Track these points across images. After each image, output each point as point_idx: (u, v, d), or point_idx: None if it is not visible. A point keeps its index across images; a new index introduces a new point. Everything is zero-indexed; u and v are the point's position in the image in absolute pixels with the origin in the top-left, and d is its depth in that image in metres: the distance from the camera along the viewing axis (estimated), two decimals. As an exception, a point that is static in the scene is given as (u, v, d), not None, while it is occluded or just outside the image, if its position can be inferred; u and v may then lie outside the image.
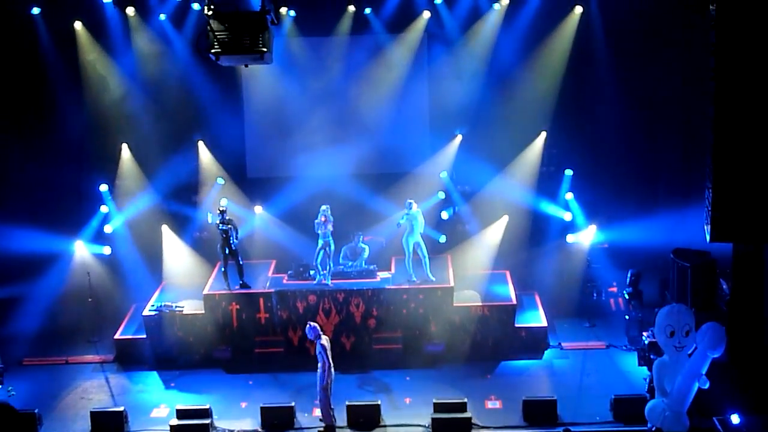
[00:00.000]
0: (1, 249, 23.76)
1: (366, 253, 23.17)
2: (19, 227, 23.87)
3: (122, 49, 24.97)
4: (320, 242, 21.99)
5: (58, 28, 24.64)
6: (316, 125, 25.56)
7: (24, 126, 25.04)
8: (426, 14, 24.84)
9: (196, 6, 24.24)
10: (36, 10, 24.25)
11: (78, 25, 24.71)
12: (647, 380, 19.08)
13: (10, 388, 20.75)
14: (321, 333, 18.58)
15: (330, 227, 21.91)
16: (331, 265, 22.27)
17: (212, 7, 14.30)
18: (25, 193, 25.09)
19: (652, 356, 19.18)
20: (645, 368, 19.99)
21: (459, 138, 25.54)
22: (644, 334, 20.54)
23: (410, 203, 22.14)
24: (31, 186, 25.07)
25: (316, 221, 21.92)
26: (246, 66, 15.74)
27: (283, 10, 23.90)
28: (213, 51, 14.45)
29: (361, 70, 25.39)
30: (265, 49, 14.22)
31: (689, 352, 16.76)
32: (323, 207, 21.99)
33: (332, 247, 22.06)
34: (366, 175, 25.48)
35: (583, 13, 24.51)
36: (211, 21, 14.26)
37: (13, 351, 22.32)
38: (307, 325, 18.75)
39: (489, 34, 24.94)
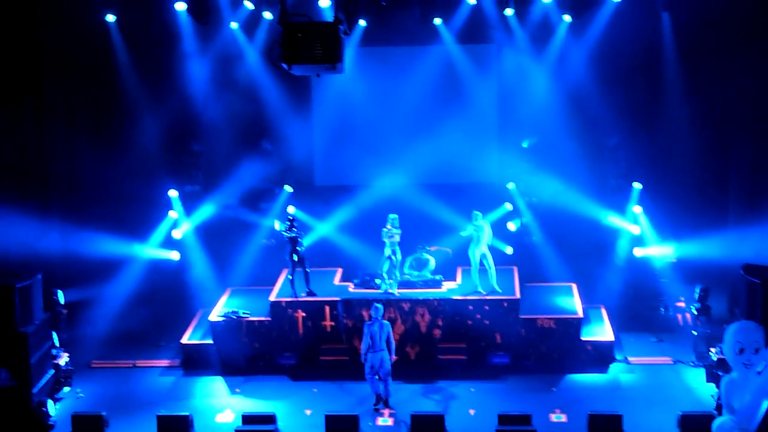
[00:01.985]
0: (74, 252, 24.09)
1: (431, 264, 23.18)
2: (91, 231, 24.19)
3: (194, 56, 25.23)
4: (387, 251, 22.02)
5: (131, 35, 24.93)
6: (384, 134, 25.71)
7: (97, 132, 25.37)
8: (496, 25, 24.84)
9: (267, 15, 24.42)
10: (111, 18, 24.52)
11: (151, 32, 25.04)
12: (715, 397, 18.88)
13: (78, 390, 21.02)
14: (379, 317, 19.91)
15: (397, 237, 21.93)
16: (397, 274, 22.28)
17: (286, 17, 14.40)
18: (97, 197, 25.39)
19: (720, 373, 18.97)
20: (713, 385, 19.79)
21: (528, 149, 25.49)
22: (712, 350, 20.32)
23: (477, 215, 22.11)
24: (104, 191, 25.40)
25: (383, 230, 21.96)
26: (318, 75, 15.83)
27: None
28: (286, 60, 14.56)
29: (431, 80, 25.45)
30: (337, 60, 14.32)
31: (758, 369, 16.56)
32: (391, 216, 22.02)
33: (399, 256, 22.08)
34: (433, 185, 25.56)
35: (654, 25, 24.35)
36: (284, 30, 14.36)
37: (82, 353, 22.58)
38: (375, 305, 19.95)
39: (559, 46, 24.91)
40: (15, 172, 23.24)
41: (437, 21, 24.79)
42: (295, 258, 22.33)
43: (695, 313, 22.17)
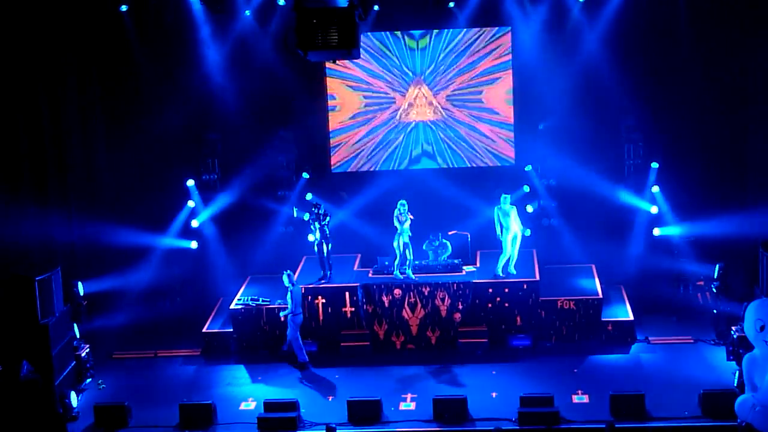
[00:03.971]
0: (93, 244, 24.12)
1: (449, 249, 23.17)
2: (110, 222, 24.23)
3: (209, 45, 25.19)
4: (403, 236, 21.98)
5: (145, 25, 24.93)
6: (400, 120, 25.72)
7: (114, 123, 25.37)
8: (510, 7, 24.77)
9: (281, 1, 24.40)
10: (124, 7, 24.50)
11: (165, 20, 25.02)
12: (736, 375, 18.85)
13: (100, 381, 21.09)
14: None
15: (408, 222, 21.86)
16: (411, 258, 22.23)
17: (300, 3, 14.37)
18: (115, 188, 25.41)
19: (741, 351, 18.94)
20: (734, 363, 19.76)
21: (544, 131, 25.40)
22: (733, 328, 20.28)
23: (506, 197, 22.00)
24: (121, 181, 25.39)
25: (395, 217, 21.93)
26: (334, 61, 15.81)
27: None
28: (301, 47, 14.54)
29: (445, 63, 25.42)
30: (353, 45, 14.30)
31: (780, 346, 16.54)
32: (400, 202, 21.99)
33: (407, 240, 21.97)
34: (451, 169, 25.58)
35: (670, 2, 24.21)
36: (299, 17, 14.34)
37: (103, 344, 22.64)
38: (286, 272, 21.36)
39: (573, 26, 24.81)
40: (33, 165, 23.25)
41: (451, 4, 24.73)
42: (315, 244, 22.38)
43: (715, 291, 22.12)
